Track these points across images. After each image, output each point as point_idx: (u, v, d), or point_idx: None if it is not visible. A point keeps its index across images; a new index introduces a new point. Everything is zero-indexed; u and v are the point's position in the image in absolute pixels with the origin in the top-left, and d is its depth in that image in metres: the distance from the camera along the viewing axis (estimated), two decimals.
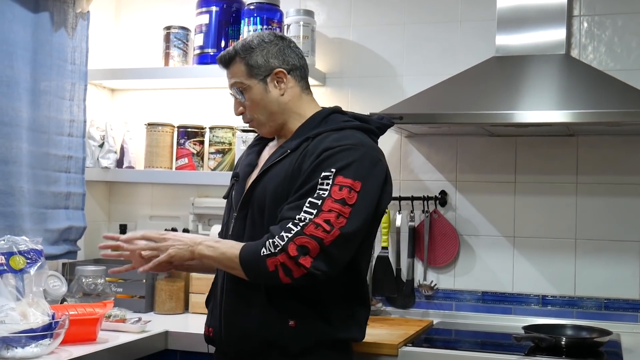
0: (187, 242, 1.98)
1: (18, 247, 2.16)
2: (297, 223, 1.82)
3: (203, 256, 1.96)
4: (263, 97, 2.04)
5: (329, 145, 1.90)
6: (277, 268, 1.81)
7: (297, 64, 2.08)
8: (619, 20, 2.78)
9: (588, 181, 2.80)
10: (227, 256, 1.91)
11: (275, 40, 2.06)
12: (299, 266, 1.80)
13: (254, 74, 2.03)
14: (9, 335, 1.99)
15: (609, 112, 2.36)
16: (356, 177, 1.86)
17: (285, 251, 1.80)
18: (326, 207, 1.82)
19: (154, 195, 3.34)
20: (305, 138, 1.98)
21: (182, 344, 2.50)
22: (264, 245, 1.83)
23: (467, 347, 2.42)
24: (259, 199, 1.99)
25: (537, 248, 2.84)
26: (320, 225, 1.81)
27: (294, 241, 1.80)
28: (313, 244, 1.80)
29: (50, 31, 2.82)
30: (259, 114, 2.07)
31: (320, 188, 1.85)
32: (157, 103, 3.34)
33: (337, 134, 1.95)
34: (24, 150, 2.67)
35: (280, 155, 1.99)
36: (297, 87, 2.08)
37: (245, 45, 2.05)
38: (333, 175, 1.85)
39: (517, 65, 2.68)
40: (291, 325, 1.93)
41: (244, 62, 2.04)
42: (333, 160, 1.87)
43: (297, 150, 1.97)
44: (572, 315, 2.77)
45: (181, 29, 3.18)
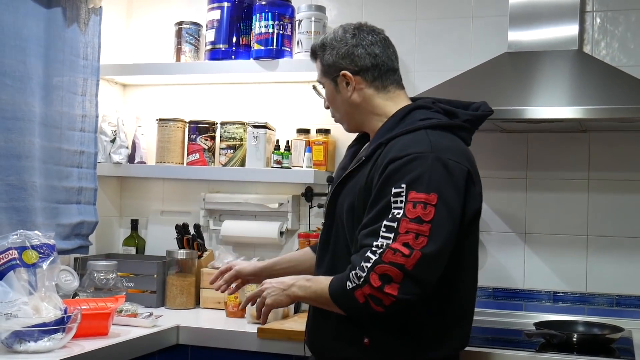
0: (281, 287, 1.91)
1: (31, 241, 2.17)
2: (375, 251, 1.72)
3: (298, 298, 1.91)
4: (335, 97, 2.02)
5: (395, 156, 1.79)
6: (367, 299, 1.73)
7: (368, 64, 1.96)
8: (632, 15, 2.77)
9: (600, 177, 2.79)
10: (318, 294, 1.84)
11: (346, 39, 1.97)
12: (387, 295, 1.71)
13: (326, 73, 2.01)
14: (22, 329, 2.00)
15: (621, 108, 2.35)
16: (429, 189, 1.74)
17: (368, 282, 1.71)
18: (402, 229, 1.71)
19: (165, 191, 3.35)
20: (378, 144, 1.87)
21: (193, 339, 2.51)
22: (349, 279, 1.75)
23: (478, 343, 2.41)
24: (339, 212, 1.93)
25: (549, 244, 2.83)
26: (398, 250, 1.70)
27: (374, 271, 1.71)
28: (394, 271, 1.70)
29: (62, 26, 2.83)
30: (335, 112, 2.06)
31: (395, 207, 1.74)
32: (168, 98, 3.35)
33: (406, 139, 1.83)
34: (37, 145, 2.68)
35: (355, 163, 1.92)
36: (369, 88, 1.97)
37: (321, 42, 2.02)
38: (405, 191, 1.74)
39: (530, 61, 2.67)
40: (365, 343, 1.85)
41: (320, 60, 2.02)
42: (401, 174, 1.76)
43: (371, 159, 1.87)
44: (583, 312, 2.76)
45: (193, 25, 3.19)
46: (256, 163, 3.02)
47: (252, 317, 2.58)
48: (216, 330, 2.51)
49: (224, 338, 2.47)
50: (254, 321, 2.56)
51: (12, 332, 2.00)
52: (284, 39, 2.97)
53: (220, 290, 2.29)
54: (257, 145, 3.02)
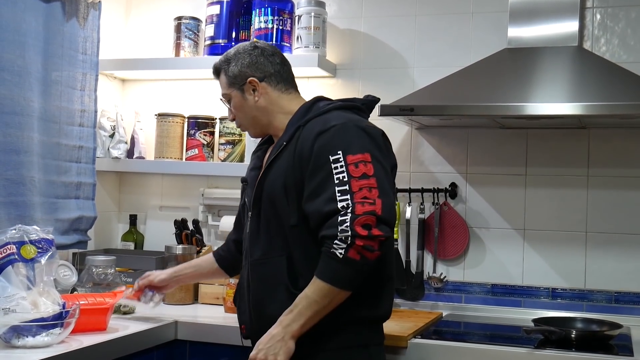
0: (277, 339, 1.92)
1: (29, 236, 2.16)
2: (345, 212, 1.86)
3: (301, 329, 1.91)
4: (242, 104, 2.17)
5: (321, 129, 1.98)
6: (362, 253, 1.85)
7: (271, 70, 2.17)
8: (632, 12, 2.76)
9: (599, 174, 2.78)
10: (316, 301, 1.89)
11: (249, 51, 2.18)
12: (376, 237, 1.85)
13: (232, 84, 2.18)
14: (20, 324, 2.00)
15: (621, 104, 2.35)
16: (362, 150, 1.93)
17: (357, 236, 1.84)
18: (355, 188, 1.88)
19: (164, 186, 3.34)
20: (296, 127, 2.05)
21: (191, 334, 2.51)
22: (335, 249, 1.86)
23: (477, 339, 2.42)
24: (269, 193, 2.05)
25: (548, 241, 2.83)
26: (364, 202, 1.87)
27: (355, 224, 1.84)
28: (371, 218, 1.85)
29: (61, 21, 2.83)
30: (243, 119, 2.21)
31: (337, 172, 1.91)
32: (167, 93, 3.35)
33: (323, 118, 2.03)
34: (35, 140, 2.68)
35: (278, 149, 2.06)
36: (274, 92, 2.17)
37: (224, 57, 2.21)
38: (342, 156, 1.92)
39: (529, 57, 2.67)
40: None
41: (225, 74, 2.19)
42: (333, 143, 1.94)
43: (291, 141, 2.04)
44: (582, 309, 2.76)
45: (192, 20, 3.18)
46: None
47: None
48: (214, 325, 2.51)
49: (222, 333, 2.47)
50: None
51: (10, 327, 2.00)
52: (283, 34, 2.96)
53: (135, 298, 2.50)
54: (256, 140, 3.01)
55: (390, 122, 2.77)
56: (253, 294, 2.07)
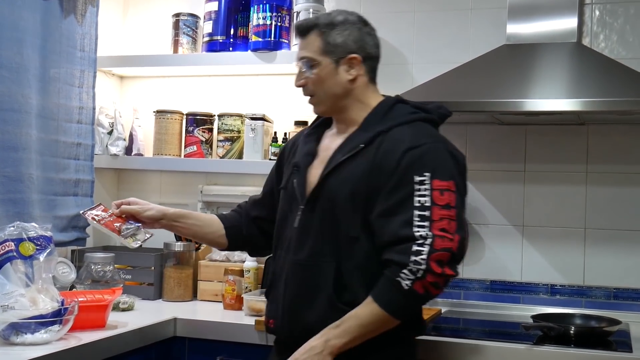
0: (314, 352, 1.84)
1: (27, 233, 2.16)
2: (423, 243, 1.79)
3: (344, 347, 1.84)
4: (329, 78, 1.97)
5: (412, 145, 1.87)
6: (427, 289, 1.80)
7: (372, 53, 2.02)
8: (631, 8, 2.76)
9: (598, 170, 2.79)
10: (368, 324, 1.83)
11: (359, 24, 2.00)
12: (446, 276, 1.80)
13: (328, 52, 1.96)
14: (19, 321, 2.00)
15: (620, 100, 2.35)
16: (448, 177, 1.85)
17: (430, 271, 1.78)
18: (436, 217, 1.80)
19: (163, 183, 3.34)
20: (378, 132, 1.93)
21: (190, 331, 2.51)
22: (402, 279, 1.79)
23: (475, 335, 2.42)
24: (332, 195, 1.93)
25: (547, 237, 2.83)
26: (444, 237, 1.79)
27: (431, 259, 1.78)
28: (446, 255, 1.79)
29: (59, 18, 2.82)
30: (320, 93, 2.00)
31: (419, 194, 1.82)
32: (166, 90, 3.34)
33: (411, 129, 1.92)
34: (33, 137, 2.68)
35: (352, 150, 1.93)
36: (366, 76, 2.01)
37: (329, 20, 1.97)
38: (429, 179, 1.83)
39: (528, 53, 2.67)
40: None
41: (322, 37, 1.96)
42: (422, 163, 1.84)
43: (371, 146, 1.91)
44: (581, 305, 2.76)
45: (190, 16, 3.18)
46: (254, 155, 3.01)
47: (250, 309, 2.58)
48: (213, 322, 2.51)
49: (221, 330, 2.47)
50: (251, 313, 2.56)
51: (8, 324, 2.00)
52: (281, 30, 2.96)
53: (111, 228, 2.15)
54: (255, 137, 3.01)
55: None
56: (289, 295, 1.97)
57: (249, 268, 2.78)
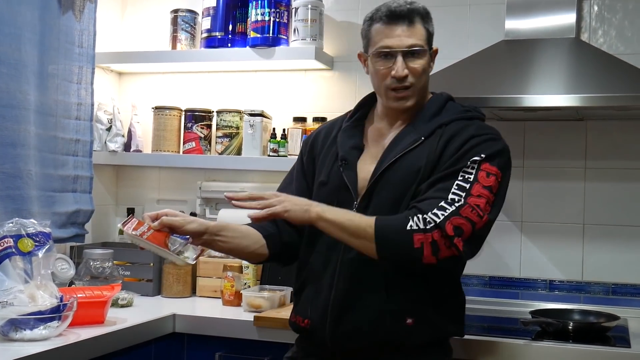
0: (301, 203, 1.82)
1: (26, 230, 2.16)
2: (452, 203, 1.74)
3: (323, 219, 1.79)
4: (429, 69, 1.97)
5: (475, 133, 1.86)
6: (424, 245, 1.72)
7: None
8: (630, 3, 2.76)
9: (597, 166, 2.79)
10: (355, 223, 1.77)
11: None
12: (451, 247, 1.73)
13: (429, 42, 1.96)
14: (18, 317, 2.00)
15: (618, 96, 2.35)
16: (500, 167, 1.83)
17: (440, 228, 1.72)
18: (475, 192, 1.77)
19: (162, 179, 3.34)
20: (438, 125, 1.90)
21: (189, 327, 2.51)
22: (411, 220, 1.73)
23: (474, 331, 2.42)
24: (394, 190, 1.86)
25: (545, 233, 2.83)
26: (475, 209, 1.75)
27: (450, 220, 1.72)
28: (468, 226, 1.74)
29: (57, 14, 2.82)
30: (419, 84, 1.94)
31: (466, 172, 1.80)
32: (164, 86, 3.34)
33: (473, 123, 1.92)
34: (32, 133, 2.67)
35: (413, 143, 1.88)
36: None
37: (422, 8, 1.95)
38: (481, 161, 1.81)
39: (527, 49, 2.67)
40: (409, 323, 1.84)
41: (424, 26, 1.94)
42: (482, 148, 1.83)
43: (431, 137, 1.88)
44: (579, 300, 2.77)
45: (189, 12, 3.17)
46: (252, 151, 3.01)
47: (249, 305, 2.58)
48: (212, 318, 2.51)
49: (220, 326, 2.47)
50: (250, 309, 2.56)
51: (7, 320, 1.99)
52: (280, 26, 2.96)
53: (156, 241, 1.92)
54: (254, 133, 3.01)
55: None
56: (339, 294, 1.87)
57: (247, 264, 2.78)
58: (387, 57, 1.91)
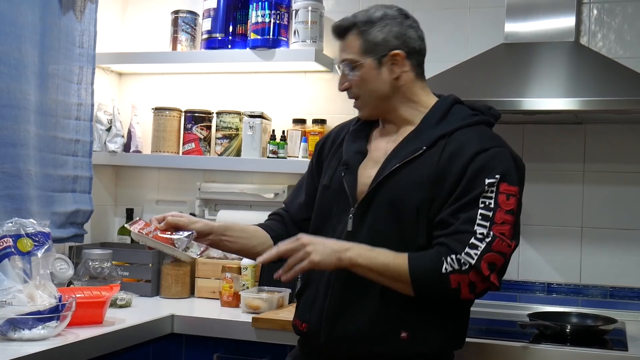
0: (333, 247, 1.75)
1: (25, 229, 2.16)
2: (482, 239, 1.71)
3: (356, 265, 1.74)
4: (373, 78, 1.89)
5: (480, 149, 1.80)
6: (461, 285, 1.71)
7: (416, 47, 1.92)
8: (629, 7, 2.77)
9: (595, 169, 2.79)
10: (390, 269, 1.74)
11: (399, 17, 1.91)
12: (486, 281, 1.72)
13: (369, 51, 1.87)
14: (16, 317, 2.00)
15: (617, 99, 2.35)
16: (515, 182, 1.80)
17: (476, 269, 1.70)
18: (499, 220, 1.73)
19: (161, 180, 3.34)
20: (441, 135, 1.84)
21: (187, 328, 2.51)
22: (445, 262, 1.71)
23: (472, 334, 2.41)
24: (392, 198, 1.83)
25: (544, 236, 2.84)
26: (504, 240, 1.73)
27: (484, 259, 1.70)
28: (500, 260, 1.73)
29: (58, 14, 2.82)
30: (365, 95, 1.92)
31: (486, 196, 1.75)
32: (164, 87, 3.35)
33: (475, 132, 1.86)
34: (32, 133, 2.68)
35: (413, 153, 1.84)
36: (412, 72, 1.92)
37: (367, 17, 1.88)
38: (498, 182, 1.76)
39: (526, 52, 2.67)
40: (403, 337, 1.81)
41: (361, 36, 1.88)
42: (493, 166, 1.78)
43: (433, 148, 1.83)
44: (577, 303, 2.77)
45: (189, 14, 3.18)
46: (252, 153, 3.02)
47: (247, 306, 2.58)
48: (211, 319, 2.51)
49: (218, 327, 2.47)
50: (248, 310, 2.57)
51: (6, 319, 2.00)
52: (280, 28, 2.96)
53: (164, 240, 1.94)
54: (253, 135, 3.01)
55: None
56: (332, 301, 1.87)
57: (246, 265, 2.78)
58: None
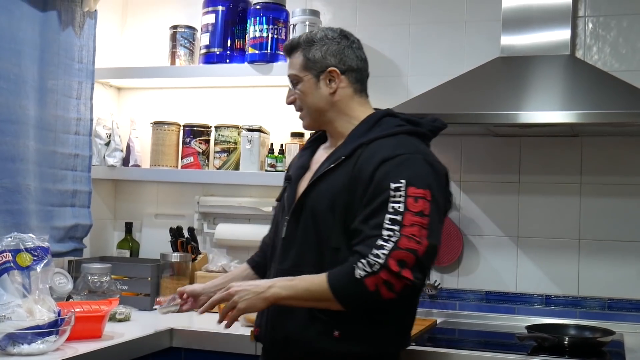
0: (255, 290, 1.87)
1: (25, 244, 2.17)
2: (388, 239, 1.79)
3: (280, 298, 1.86)
4: (312, 92, 2.06)
5: (387, 156, 1.89)
6: (378, 287, 1.78)
7: (354, 65, 2.07)
8: (624, 21, 2.79)
9: (592, 181, 2.80)
10: (312, 291, 1.84)
11: (337, 38, 2.06)
12: (401, 279, 1.78)
13: (309, 68, 2.05)
14: (15, 331, 2.01)
15: (613, 112, 2.37)
16: (425, 185, 1.85)
17: (386, 268, 1.77)
18: (408, 222, 1.80)
19: (160, 194, 3.35)
20: (359, 144, 1.96)
21: (186, 342, 2.51)
22: (357, 268, 1.79)
23: (471, 346, 2.43)
24: (313, 206, 1.97)
25: (541, 248, 2.84)
26: (411, 238, 1.79)
27: (391, 256, 1.77)
28: (410, 256, 1.78)
29: (58, 30, 2.84)
30: (306, 107, 2.09)
31: (394, 200, 1.83)
32: (163, 102, 3.36)
33: (392, 141, 1.95)
34: (31, 148, 2.69)
35: (334, 162, 1.97)
36: (349, 88, 2.06)
37: (308, 37, 2.07)
38: (404, 186, 1.84)
39: (522, 65, 2.69)
40: (336, 335, 1.89)
41: (303, 54, 2.06)
42: (398, 171, 1.86)
43: (351, 158, 1.95)
44: (575, 315, 2.78)
45: (187, 28, 3.20)
46: (250, 166, 3.03)
47: (246, 320, 2.58)
48: (209, 333, 2.51)
49: (217, 341, 2.47)
50: (247, 324, 2.57)
51: (5, 334, 2.00)
52: (278, 43, 2.98)
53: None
54: (251, 148, 3.03)
55: None
56: None
57: None
58: None
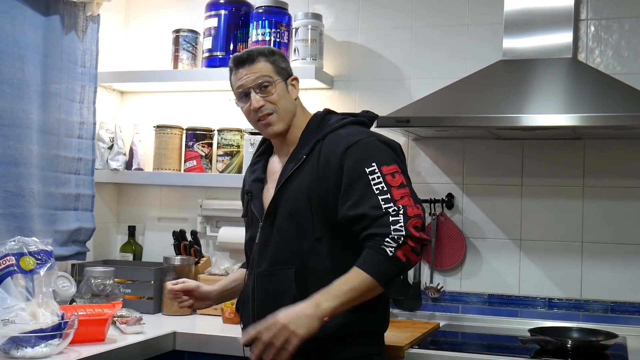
0: (306, 313, 1.86)
1: (28, 248, 2.18)
2: (396, 214, 1.92)
3: (332, 311, 1.88)
4: (286, 95, 2.15)
5: (348, 143, 2.02)
6: (407, 255, 1.90)
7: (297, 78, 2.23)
8: (626, 24, 2.79)
9: (594, 184, 2.80)
10: (357, 288, 1.90)
11: (283, 55, 2.23)
12: (422, 241, 1.92)
13: (279, 73, 2.15)
14: (19, 335, 2.01)
15: (615, 115, 2.37)
16: (393, 161, 2.01)
17: (410, 237, 1.89)
18: (397, 196, 1.94)
19: (163, 197, 3.36)
20: (315, 141, 2.08)
21: (189, 345, 2.52)
22: (386, 246, 1.89)
23: (474, 349, 2.43)
24: (289, 206, 2.06)
25: (544, 251, 2.84)
26: (411, 207, 1.94)
27: (409, 223, 1.90)
28: (419, 220, 1.93)
29: (60, 34, 2.85)
30: (281, 109, 2.14)
31: (376, 182, 1.97)
32: (166, 105, 3.37)
33: (345, 131, 2.09)
34: (34, 152, 2.70)
35: (297, 163, 2.08)
36: (298, 96, 2.21)
37: (269, 49, 2.19)
38: (377, 168, 1.97)
39: (524, 68, 2.69)
40: (325, 320, 1.91)
41: (270, 62, 2.15)
42: (366, 156, 2.00)
43: (312, 154, 2.07)
44: (578, 318, 2.78)
45: (190, 32, 3.20)
46: None
47: None
48: (213, 336, 2.51)
49: (220, 344, 2.48)
50: None
51: (9, 337, 2.01)
52: (280, 46, 2.98)
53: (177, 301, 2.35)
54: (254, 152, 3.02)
55: (387, 133, 2.77)
56: (258, 305, 2.08)
57: None
58: (245, 96, 2.15)
